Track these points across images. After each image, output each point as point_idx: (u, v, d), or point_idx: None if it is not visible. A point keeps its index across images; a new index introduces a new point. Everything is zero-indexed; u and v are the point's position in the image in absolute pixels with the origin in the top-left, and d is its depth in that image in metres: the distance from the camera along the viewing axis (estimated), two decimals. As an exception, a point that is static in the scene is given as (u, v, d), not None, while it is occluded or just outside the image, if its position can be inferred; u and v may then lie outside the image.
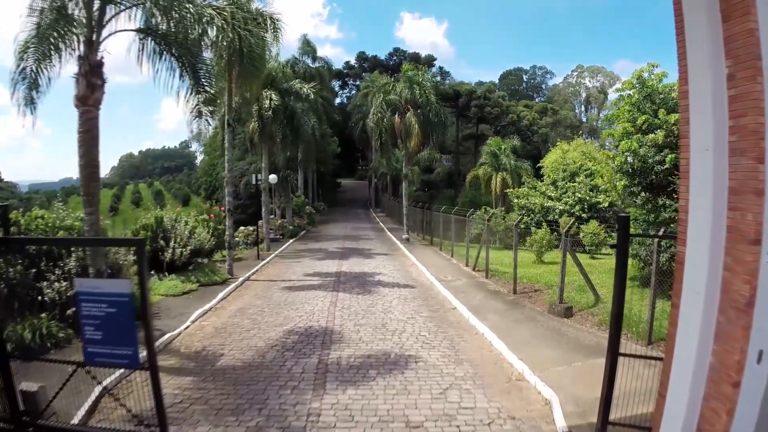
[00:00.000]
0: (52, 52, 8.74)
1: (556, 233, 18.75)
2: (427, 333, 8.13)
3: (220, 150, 45.50)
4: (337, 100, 68.75)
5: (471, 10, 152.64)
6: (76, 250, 8.82)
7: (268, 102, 18.49)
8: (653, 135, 9.10)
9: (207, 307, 10.21)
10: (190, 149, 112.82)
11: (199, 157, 73.77)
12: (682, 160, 3.76)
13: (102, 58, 8.24)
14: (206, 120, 8.94)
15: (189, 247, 12.75)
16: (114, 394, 5.18)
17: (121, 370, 6.65)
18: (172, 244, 12.55)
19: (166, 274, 12.32)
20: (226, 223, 14.20)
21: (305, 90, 19.80)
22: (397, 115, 22.61)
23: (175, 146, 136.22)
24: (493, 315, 9.18)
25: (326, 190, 55.46)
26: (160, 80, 8.92)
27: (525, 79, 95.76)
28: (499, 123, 59.53)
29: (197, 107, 8.79)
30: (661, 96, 9.99)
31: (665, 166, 8.78)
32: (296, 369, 6.52)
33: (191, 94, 8.84)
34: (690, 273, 3.77)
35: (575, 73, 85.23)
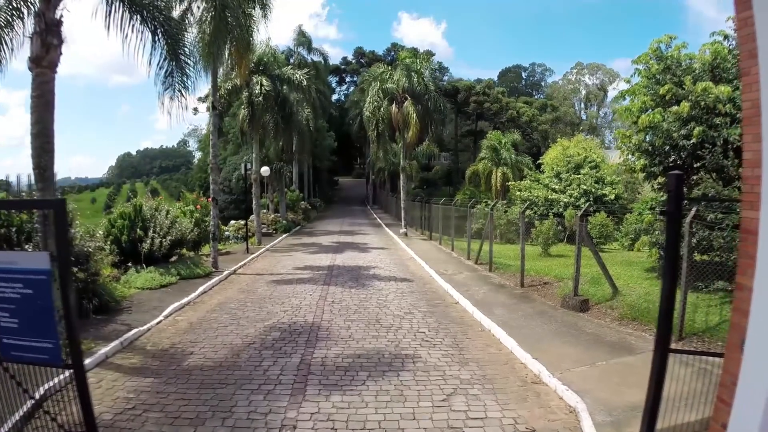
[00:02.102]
0: (15, 19, 7.86)
1: (560, 226, 17.87)
2: (427, 329, 7.18)
3: (214, 145, 44.60)
4: (335, 97, 67.90)
5: (469, 10, 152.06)
6: (34, 234, 7.94)
7: (258, 88, 17.52)
8: (677, 107, 8.16)
9: (184, 301, 9.29)
10: (188, 148, 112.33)
11: (197, 155, 72.93)
12: (746, 103, 2.99)
13: (61, 16, 7.32)
14: (179, 91, 7.94)
15: (169, 237, 11.77)
16: (42, 403, 4.23)
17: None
18: (150, 233, 11.58)
19: (144, 266, 11.37)
20: (211, 213, 13.21)
21: (298, 76, 18.82)
22: (394, 105, 21.63)
23: (173, 145, 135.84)
24: (500, 309, 8.24)
25: (323, 187, 54.57)
26: (129, 48, 8.03)
27: (524, 77, 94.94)
28: (498, 119, 58.69)
29: (170, 74, 7.81)
30: (683, 67, 9.09)
31: (692, 141, 7.84)
32: (273, 370, 5.56)
33: (164, 60, 7.88)
34: (766, 244, 2.85)
35: (575, 71, 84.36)
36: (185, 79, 7.93)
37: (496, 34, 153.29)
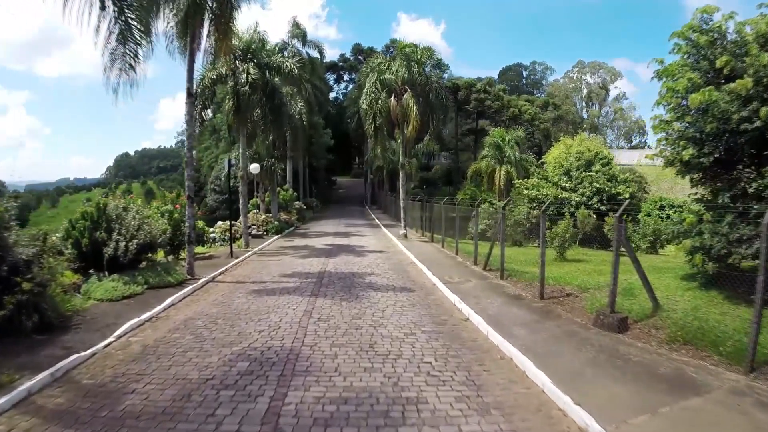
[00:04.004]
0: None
1: (573, 227, 16.50)
2: (433, 358, 5.74)
3: (207, 142, 43.15)
4: (333, 95, 66.60)
5: (468, 10, 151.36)
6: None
7: (245, 76, 16.08)
8: (733, 84, 6.75)
9: (146, 316, 7.89)
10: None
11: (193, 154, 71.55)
12: None
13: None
14: (129, 63, 6.50)
15: (136, 241, 10.32)
16: None
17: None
18: (114, 236, 10.15)
19: (106, 273, 9.94)
20: (186, 213, 11.78)
21: (288, 64, 17.36)
22: (393, 98, 20.18)
23: (171, 146, 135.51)
24: (520, 329, 6.81)
25: (320, 187, 53.17)
26: (71, 14, 6.61)
27: (525, 75, 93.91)
28: (499, 118, 57.35)
29: (123, 42, 6.38)
30: (733, 39, 7.69)
31: (756, 124, 6.43)
32: (229, 424, 4.13)
33: (114, 23, 6.45)
34: None
35: (576, 69, 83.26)
36: (137, 48, 6.49)
37: (495, 35, 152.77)
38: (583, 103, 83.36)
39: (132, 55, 6.50)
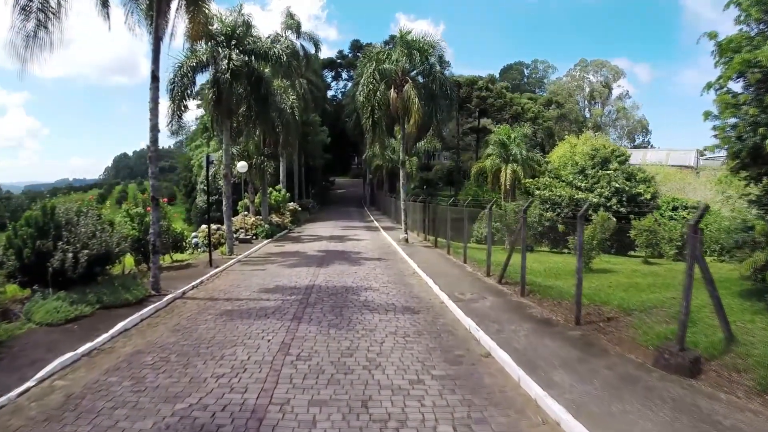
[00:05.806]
0: None
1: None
2: (451, 426, 4.10)
3: (199, 140, 41.46)
4: (331, 94, 65.04)
5: (467, 11, 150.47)
6: None
7: (226, 62, 14.46)
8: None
9: (85, 348, 6.32)
10: (184, 149, 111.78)
11: (192, 154, 70.32)
12: None
13: None
14: (39, 19, 4.87)
15: (86, 251, 8.70)
16: None
17: None
18: (61, 245, 8.55)
19: (53, 289, 8.35)
20: (151, 218, 10.17)
21: (276, 50, 15.72)
22: (392, 90, 18.55)
23: (170, 146, 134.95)
24: (561, 373, 5.18)
25: (318, 187, 51.63)
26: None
27: (526, 74, 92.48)
28: (501, 116, 55.78)
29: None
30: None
31: None
32: None
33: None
34: None
35: (578, 68, 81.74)
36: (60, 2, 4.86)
37: (495, 36, 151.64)
38: (586, 102, 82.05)
39: (48, 14, 4.86)
